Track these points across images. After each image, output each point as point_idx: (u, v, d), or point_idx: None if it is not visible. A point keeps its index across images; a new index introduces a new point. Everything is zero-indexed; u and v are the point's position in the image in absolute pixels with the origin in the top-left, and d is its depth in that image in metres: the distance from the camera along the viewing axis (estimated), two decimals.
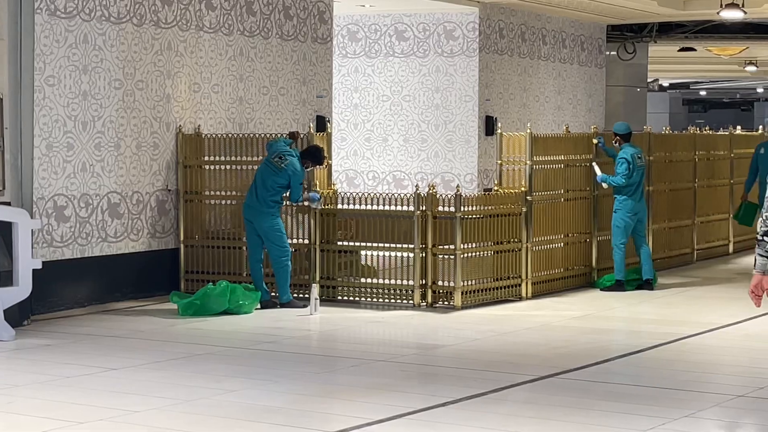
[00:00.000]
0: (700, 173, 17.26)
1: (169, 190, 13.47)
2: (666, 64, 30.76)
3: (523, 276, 13.22)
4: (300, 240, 13.10)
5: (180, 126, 13.54)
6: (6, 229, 11.04)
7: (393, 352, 10.46)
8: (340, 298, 12.96)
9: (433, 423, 7.73)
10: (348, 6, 17.99)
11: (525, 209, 13.24)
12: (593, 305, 13.00)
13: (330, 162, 13.36)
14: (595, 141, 14.36)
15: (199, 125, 13.73)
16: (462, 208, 12.49)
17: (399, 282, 12.73)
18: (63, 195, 12.31)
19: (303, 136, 13.10)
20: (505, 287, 13.06)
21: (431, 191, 12.58)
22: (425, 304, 12.59)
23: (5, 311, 10.77)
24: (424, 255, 12.56)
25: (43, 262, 11.36)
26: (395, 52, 18.85)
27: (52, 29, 12.15)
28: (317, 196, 12.75)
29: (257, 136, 13.37)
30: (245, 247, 13.08)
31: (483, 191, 17.02)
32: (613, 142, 14.22)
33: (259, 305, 12.46)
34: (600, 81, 22.00)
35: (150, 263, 13.27)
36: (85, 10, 12.49)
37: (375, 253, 12.99)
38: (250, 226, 12.60)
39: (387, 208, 12.74)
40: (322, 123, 15.04)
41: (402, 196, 12.74)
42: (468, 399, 8.33)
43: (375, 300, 12.82)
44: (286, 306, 12.51)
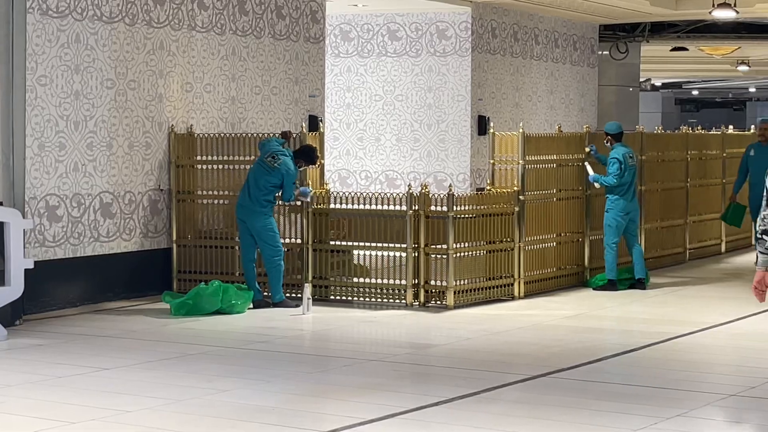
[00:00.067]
0: (692, 173, 17.27)
1: (162, 189, 13.46)
2: (658, 63, 30.78)
3: (516, 275, 13.22)
4: (293, 239, 13.09)
5: (172, 125, 13.52)
6: None
7: (386, 351, 10.45)
8: (332, 297, 12.96)
9: (426, 422, 7.73)
10: (340, 5, 17.97)
11: (517, 209, 13.24)
12: (586, 305, 13.00)
13: (322, 161, 13.36)
14: (588, 149, 14.33)
15: (192, 125, 13.72)
16: (454, 207, 12.49)
17: (391, 281, 12.72)
18: (55, 195, 12.29)
19: (295, 135, 13.10)
20: (498, 287, 13.06)
21: (424, 191, 12.58)
22: (418, 303, 12.59)
23: None
24: (416, 254, 12.55)
25: (35, 261, 11.33)
26: (388, 51, 18.85)
27: (44, 28, 12.13)
28: (309, 190, 12.75)
29: (250, 135, 13.36)
30: (238, 247, 13.07)
31: (475, 191, 17.03)
32: (605, 141, 14.22)
33: (252, 305, 12.45)
34: (592, 80, 22.00)
35: (142, 263, 13.26)
36: (77, 9, 12.47)
37: (367, 253, 12.98)
38: (242, 225, 12.60)
39: (379, 207, 12.74)
40: (314, 122, 15.03)
41: (394, 195, 12.73)
42: (460, 398, 8.33)
43: (367, 299, 12.81)
44: (278, 306, 12.51)
